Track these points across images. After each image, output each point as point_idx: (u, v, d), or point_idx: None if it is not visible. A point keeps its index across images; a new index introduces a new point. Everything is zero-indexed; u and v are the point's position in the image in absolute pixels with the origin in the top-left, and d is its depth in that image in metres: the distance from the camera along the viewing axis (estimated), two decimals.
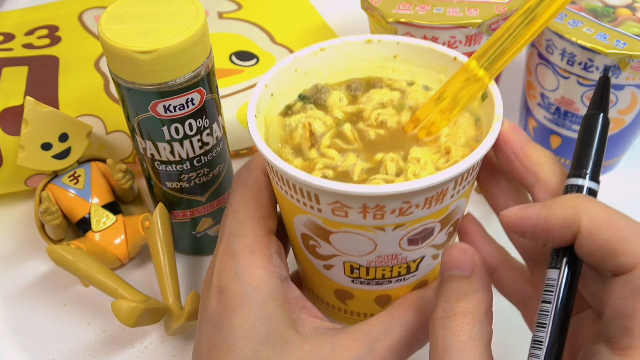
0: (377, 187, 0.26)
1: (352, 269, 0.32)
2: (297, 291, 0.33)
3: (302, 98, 0.35)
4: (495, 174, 0.33)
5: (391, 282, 0.33)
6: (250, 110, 0.31)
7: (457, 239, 0.35)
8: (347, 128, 0.33)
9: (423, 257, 0.32)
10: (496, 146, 0.30)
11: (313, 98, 0.35)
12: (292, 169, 0.27)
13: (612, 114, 0.48)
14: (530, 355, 0.27)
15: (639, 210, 0.50)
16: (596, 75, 0.45)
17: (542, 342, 0.26)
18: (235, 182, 0.35)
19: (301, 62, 0.35)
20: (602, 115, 0.29)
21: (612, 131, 0.49)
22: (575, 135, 0.50)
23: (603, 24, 0.46)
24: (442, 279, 0.28)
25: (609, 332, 0.25)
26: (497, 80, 0.52)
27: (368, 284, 0.33)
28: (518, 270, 0.33)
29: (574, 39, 0.45)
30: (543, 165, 0.30)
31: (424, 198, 0.27)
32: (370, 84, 0.36)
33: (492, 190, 0.33)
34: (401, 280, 0.33)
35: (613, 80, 0.45)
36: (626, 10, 0.47)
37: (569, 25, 0.46)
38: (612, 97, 0.46)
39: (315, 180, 0.27)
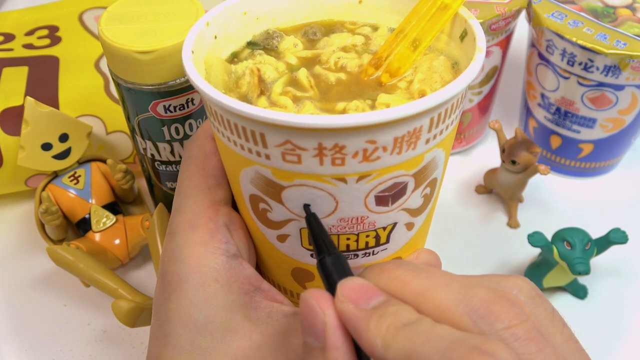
0: (334, 117, 0.22)
1: None
2: (250, 269, 0.28)
3: (250, 44, 0.31)
4: None
5: (357, 255, 0.29)
6: (185, 46, 0.27)
7: (433, 207, 0.30)
8: (302, 73, 0.29)
9: (395, 224, 0.28)
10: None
11: (263, 44, 0.31)
12: (230, 100, 0.23)
13: (612, 114, 0.48)
14: None
15: (638, 211, 0.51)
16: (596, 75, 0.45)
17: None
18: (183, 155, 0.32)
19: (251, 4, 0.31)
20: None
21: (612, 131, 0.49)
22: (575, 135, 0.50)
23: (603, 24, 0.46)
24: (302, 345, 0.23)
25: None
26: (497, 79, 0.52)
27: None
28: None
29: (574, 39, 0.45)
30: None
31: (393, 137, 0.23)
32: (330, 29, 0.32)
33: None
34: (369, 253, 0.29)
35: (613, 80, 0.45)
36: (626, 10, 0.47)
37: (569, 25, 0.46)
38: (612, 97, 0.46)
39: (259, 111, 0.22)
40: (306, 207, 0.25)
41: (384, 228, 0.28)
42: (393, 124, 0.23)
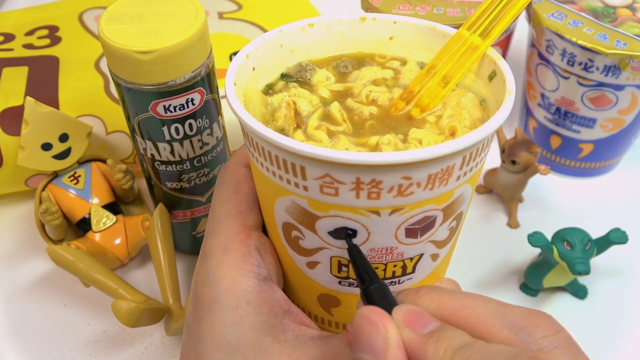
0: (374, 155, 0.23)
1: (340, 266, 0.29)
2: (280, 293, 0.29)
3: (284, 76, 0.33)
4: None
5: None
6: (228, 78, 0.28)
7: (457, 239, 0.31)
8: (335, 107, 0.30)
9: (421, 255, 0.29)
10: None
11: (296, 76, 0.32)
12: (275, 134, 0.24)
13: (612, 114, 0.48)
14: None
15: (638, 211, 0.51)
16: (596, 75, 0.45)
17: None
18: (216, 181, 0.33)
19: (287, 37, 0.32)
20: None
21: (612, 131, 0.49)
22: (575, 135, 0.50)
23: (603, 24, 0.46)
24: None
25: None
26: None
27: (357, 285, 0.29)
28: None
29: (574, 39, 0.45)
30: None
31: (427, 174, 0.24)
32: (360, 62, 0.34)
33: None
34: (395, 282, 0.30)
35: (613, 80, 0.45)
36: (626, 10, 0.47)
37: (569, 25, 0.46)
38: (612, 97, 0.46)
39: (302, 146, 0.24)
40: (348, 238, 0.26)
41: (411, 259, 0.29)
42: (428, 162, 0.24)
